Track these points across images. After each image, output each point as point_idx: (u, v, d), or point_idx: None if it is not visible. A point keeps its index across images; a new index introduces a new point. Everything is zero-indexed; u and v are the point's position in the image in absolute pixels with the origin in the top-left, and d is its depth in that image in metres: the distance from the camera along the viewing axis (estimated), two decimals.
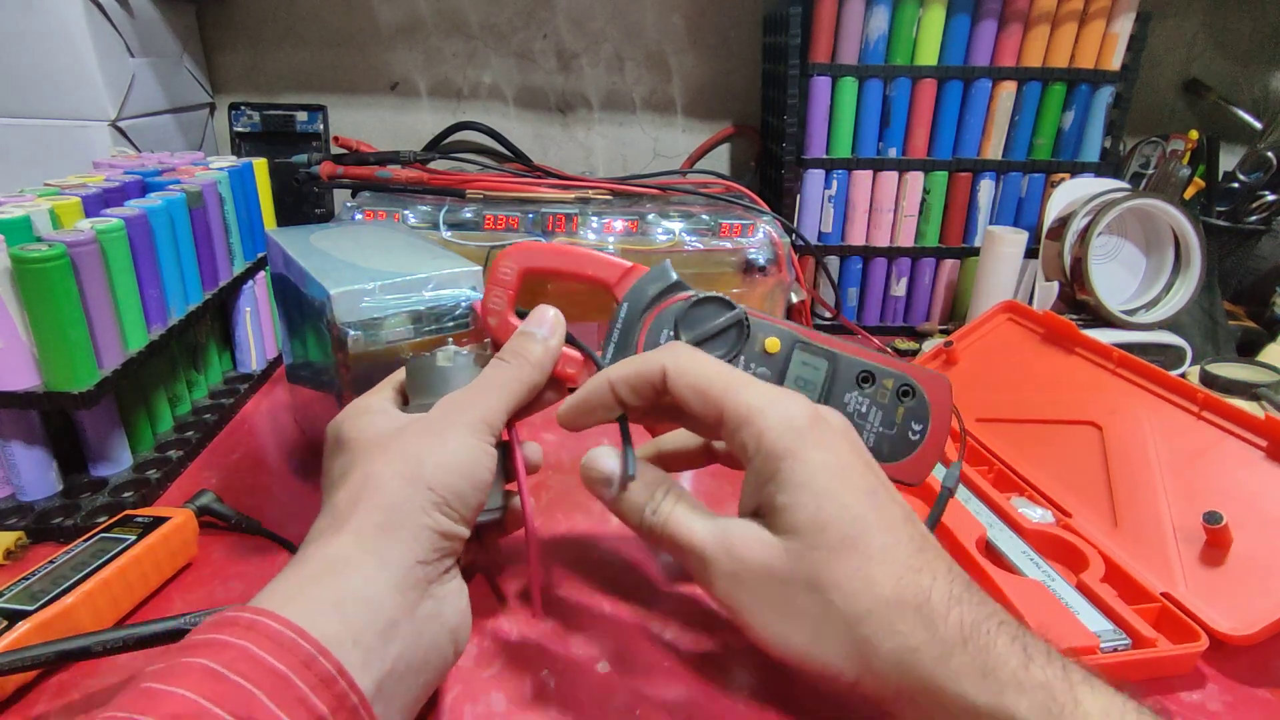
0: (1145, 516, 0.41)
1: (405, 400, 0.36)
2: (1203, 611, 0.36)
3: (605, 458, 0.32)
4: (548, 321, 0.35)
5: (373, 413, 0.32)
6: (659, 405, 0.33)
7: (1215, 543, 0.38)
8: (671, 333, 0.36)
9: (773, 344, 0.37)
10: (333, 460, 0.32)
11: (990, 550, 0.41)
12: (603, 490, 0.32)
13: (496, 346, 0.37)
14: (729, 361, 0.36)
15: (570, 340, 0.36)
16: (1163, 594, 0.37)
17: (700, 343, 0.36)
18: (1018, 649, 0.25)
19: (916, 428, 0.37)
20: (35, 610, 0.33)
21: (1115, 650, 0.35)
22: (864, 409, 0.37)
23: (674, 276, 0.37)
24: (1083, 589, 0.38)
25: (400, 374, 0.36)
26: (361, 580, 0.26)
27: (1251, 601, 0.35)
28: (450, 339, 0.38)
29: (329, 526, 0.28)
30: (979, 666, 0.25)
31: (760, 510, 0.29)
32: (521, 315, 0.38)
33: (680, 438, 0.38)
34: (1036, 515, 0.43)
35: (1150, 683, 0.35)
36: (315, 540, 0.28)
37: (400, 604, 0.27)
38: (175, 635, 0.33)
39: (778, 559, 0.28)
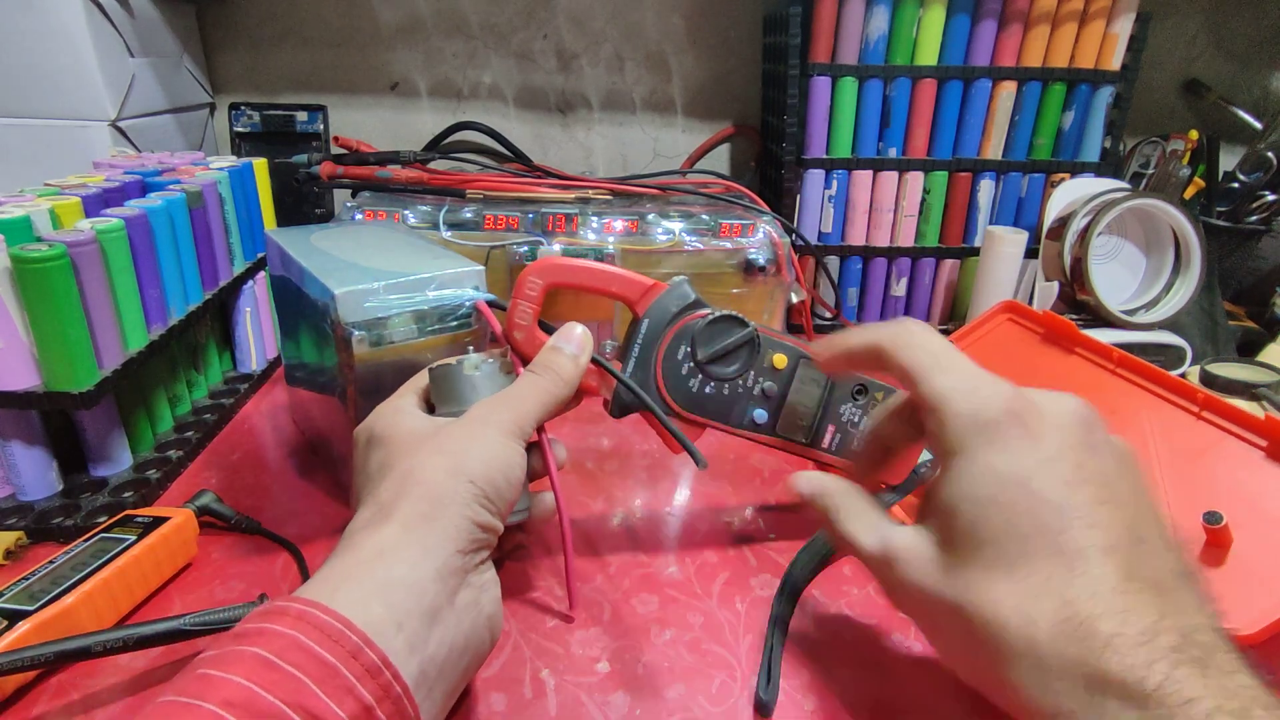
0: None
1: (429, 406, 0.36)
2: None
3: (804, 481, 0.33)
4: (576, 339, 0.37)
5: (405, 413, 0.34)
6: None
7: (1215, 543, 0.38)
8: (689, 348, 0.39)
9: (780, 360, 0.40)
10: (368, 457, 0.33)
11: None
12: (816, 505, 0.33)
13: (521, 358, 0.38)
14: (740, 377, 0.39)
15: (683, 443, 0.38)
16: None
17: (715, 358, 0.39)
18: None
19: None
20: (35, 610, 0.33)
21: None
22: (856, 419, 0.41)
23: (692, 295, 0.39)
24: None
25: (419, 379, 0.37)
26: (406, 568, 0.27)
27: (1252, 601, 0.35)
28: (470, 346, 0.39)
29: (374, 517, 0.29)
30: None
31: (929, 512, 0.28)
32: (544, 327, 0.39)
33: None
34: None
35: None
36: (360, 530, 0.29)
37: (442, 591, 0.28)
38: (175, 635, 0.33)
39: (929, 575, 0.26)
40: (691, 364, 0.39)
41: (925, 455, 0.40)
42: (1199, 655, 0.20)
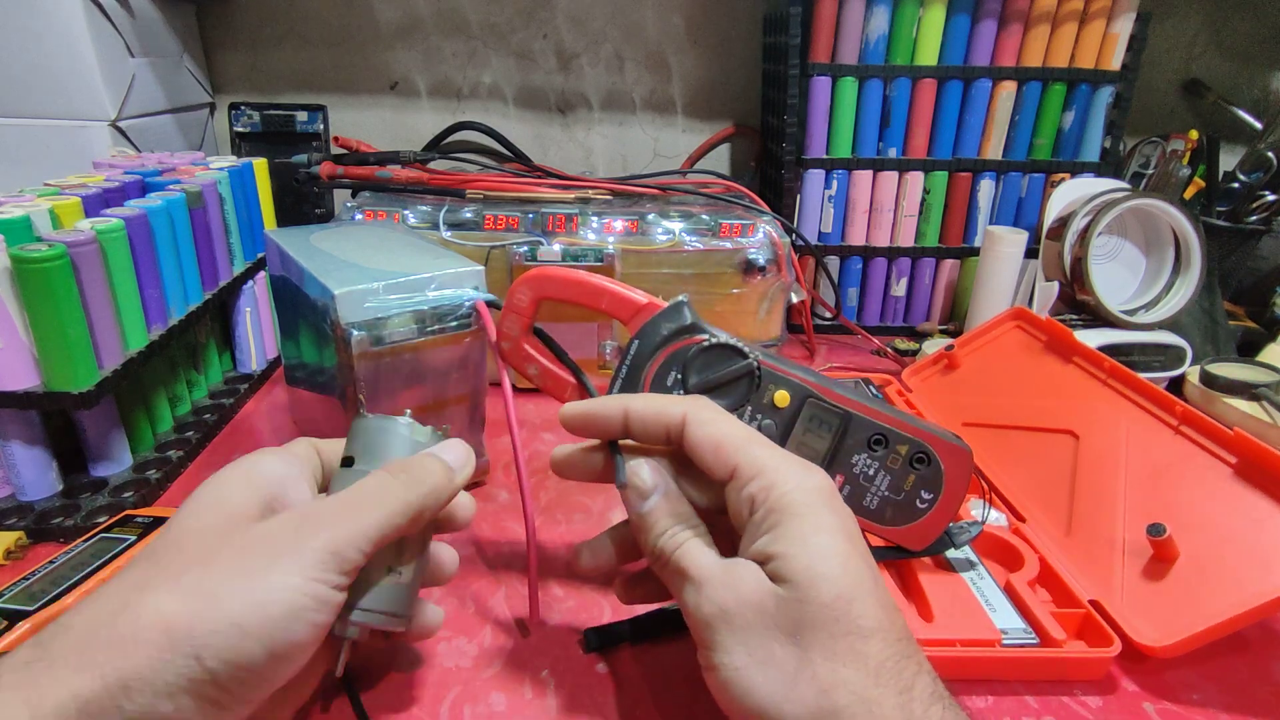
0: (1099, 527, 0.41)
1: (324, 474, 0.32)
2: (1128, 621, 0.36)
3: (649, 471, 0.31)
4: (456, 452, 0.31)
5: (227, 489, 0.28)
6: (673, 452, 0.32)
7: (1161, 556, 0.38)
8: (679, 374, 0.35)
9: (782, 397, 0.35)
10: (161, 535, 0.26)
11: None
12: (637, 502, 0.31)
13: (510, 368, 0.37)
14: (735, 412, 0.35)
15: (570, 365, 0.36)
16: (1090, 601, 0.37)
17: (708, 390, 0.35)
18: None
19: (926, 496, 0.36)
20: (35, 610, 0.33)
21: (1020, 646, 0.35)
22: (871, 472, 0.36)
23: (689, 318, 0.36)
24: (1009, 589, 0.38)
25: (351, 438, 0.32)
26: None
27: (1178, 616, 0.35)
28: (408, 410, 0.34)
29: (31, 663, 0.22)
30: None
31: (762, 558, 0.28)
32: (538, 334, 0.38)
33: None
34: (990, 518, 0.44)
35: (1059, 684, 0.35)
36: (11, 669, 0.22)
37: None
38: None
39: (769, 601, 0.26)
40: (681, 392, 0.35)
41: (977, 516, 0.39)
42: (943, 685, 0.26)
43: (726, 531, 0.30)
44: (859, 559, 0.27)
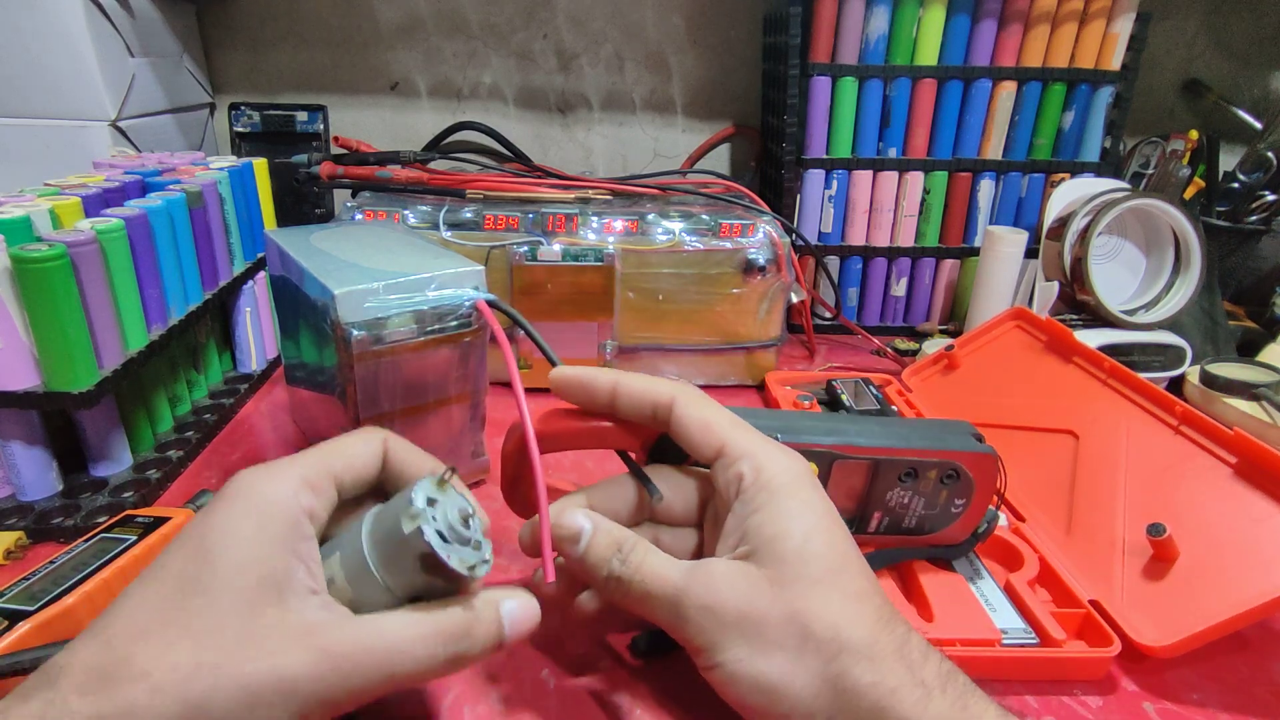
0: (1098, 527, 0.41)
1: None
2: (1128, 621, 0.36)
3: (574, 516, 0.30)
4: (518, 613, 0.28)
5: (263, 518, 0.25)
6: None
7: (1161, 556, 0.38)
8: None
9: None
10: (165, 561, 0.24)
11: None
12: (573, 549, 0.30)
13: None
14: None
15: (635, 471, 0.33)
16: (1091, 601, 0.37)
17: None
18: (995, 707, 0.26)
19: (959, 502, 0.37)
20: (35, 610, 0.33)
21: (1020, 646, 0.35)
22: (906, 500, 0.37)
23: None
24: (1008, 589, 0.39)
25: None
26: None
27: (1178, 616, 0.35)
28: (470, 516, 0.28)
29: (40, 696, 0.21)
30: (959, 713, 0.25)
31: (742, 542, 0.29)
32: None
33: (615, 501, 0.33)
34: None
35: (1059, 684, 0.35)
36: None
37: None
38: None
39: (757, 589, 0.27)
40: None
41: (991, 512, 0.39)
42: (929, 643, 0.28)
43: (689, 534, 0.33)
44: (841, 535, 0.29)
